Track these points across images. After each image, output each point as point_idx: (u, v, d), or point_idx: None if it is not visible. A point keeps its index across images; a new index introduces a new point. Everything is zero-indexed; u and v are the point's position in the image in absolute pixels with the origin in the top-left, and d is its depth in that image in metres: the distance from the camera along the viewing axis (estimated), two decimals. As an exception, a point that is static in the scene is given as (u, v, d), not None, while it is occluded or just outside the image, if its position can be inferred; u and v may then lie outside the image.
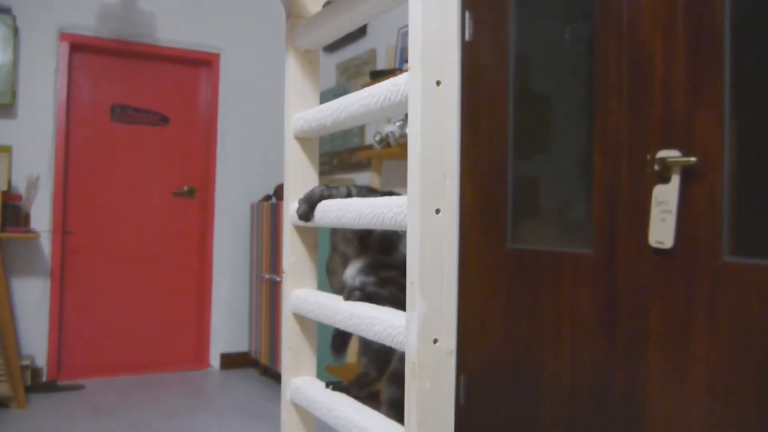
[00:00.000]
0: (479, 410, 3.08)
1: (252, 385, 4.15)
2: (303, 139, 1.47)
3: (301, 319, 1.43)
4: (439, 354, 0.98)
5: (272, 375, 4.35)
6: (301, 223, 1.41)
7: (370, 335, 1.12)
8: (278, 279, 4.00)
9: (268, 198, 4.48)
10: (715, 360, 2.12)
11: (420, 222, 1.00)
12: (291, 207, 1.46)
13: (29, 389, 3.87)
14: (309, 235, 1.47)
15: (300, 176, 1.46)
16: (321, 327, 1.44)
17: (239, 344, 4.59)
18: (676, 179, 2.26)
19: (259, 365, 4.46)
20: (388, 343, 1.07)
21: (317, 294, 1.38)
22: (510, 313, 2.94)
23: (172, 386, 4.09)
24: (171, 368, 4.48)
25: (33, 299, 4.01)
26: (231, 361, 4.57)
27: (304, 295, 1.39)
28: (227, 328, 4.58)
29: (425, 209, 1.00)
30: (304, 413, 1.40)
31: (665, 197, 2.29)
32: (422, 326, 0.98)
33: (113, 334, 4.35)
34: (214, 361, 4.59)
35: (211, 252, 4.63)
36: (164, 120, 4.54)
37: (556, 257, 2.73)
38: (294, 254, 1.45)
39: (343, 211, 1.25)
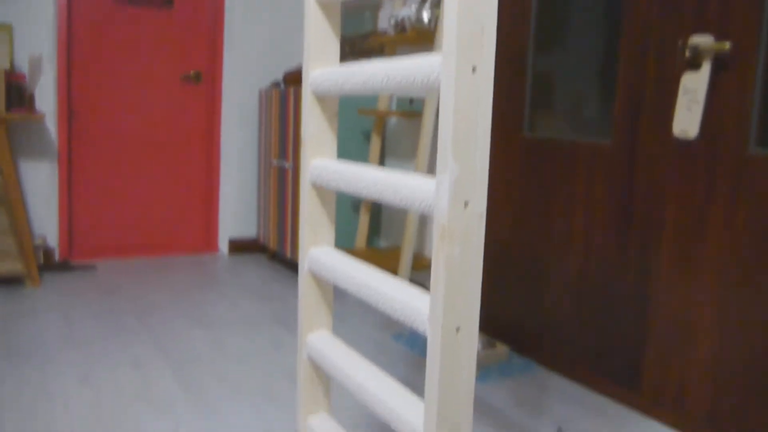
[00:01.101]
0: (487, 295, 3.12)
1: (260, 268, 4.21)
2: (325, 5, 1.39)
3: (321, 191, 1.40)
4: (470, 217, 0.95)
5: (280, 260, 4.40)
6: (321, 91, 1.35)
7: (396, 201, 1.10)
8: (287, 166, 3.97)
9: (276, 85, 4.37)
10: (731, 254, 2.11)
11: (455, 80, 0.95)
12: (311, 74, 1.40)
13: (42, 268, 3.94)
14: (329, 104, 1.41)
15: (321, 43, 1.39)
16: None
17: (247, 230, 4.63)
18: (707, 66, 2.17)
19: (268, 250, 4.51)
20: (415, 208, 1.04)
21: (337, 163, 1.34)
22: (524, 201, 2.92)
23: (182, 269, 4.15)
24: (180, 252, 4.54)
25: (41, 181, 4.00)
26: (239, 246, 4.62)
27: (324, 164, 1.35)
28: (236, 214, 4.59)
29: (461, 66, 0.95)
30: (321, 282, 1.39)
31: (694, 85, 2.21)
32: (453, 189, 0.94)
33: (123, 218, 4.37)
34: (223, 245, 4.64)
35: (219, 138, 4.58)
36: (169, 1, 4.37)
37: (572, 147, 2.68)
38: (313, 123, 1.40)
39: (368, 75, 1.19)
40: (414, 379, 2.63)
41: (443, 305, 0.89)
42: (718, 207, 2.16)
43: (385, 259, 3.62)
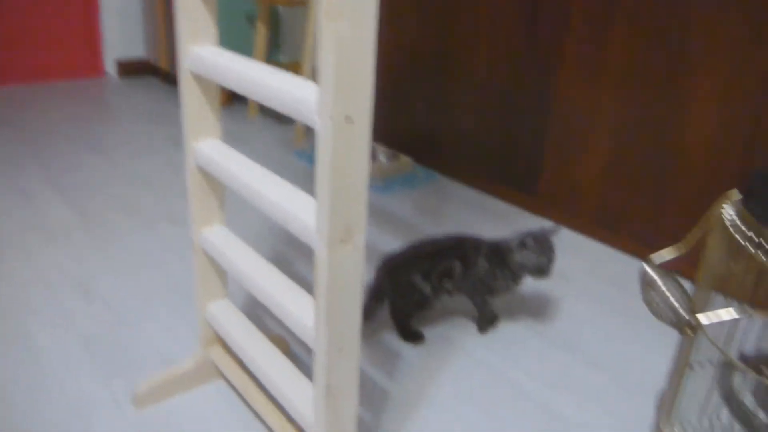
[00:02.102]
0: (390, 107, 3.07)
1: (152, 91, 3.96)
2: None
3: (202, 82, 1.22)
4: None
5: (174, 82, 4.15)
6: None
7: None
8: (172, -25, 3.60)
9: None
10: (629, 65, 2.12)
11: None
12: None
13: None
14: None
15: None
16: None
17: (135, 50, 4.29)
18: None
19: (160, 72, 4.22)
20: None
21: (217, 54, 1.18)
22: (428, 6, 2.79)
23: (68, 95, 3.85)
24: (63, 77, 4.18)
25: None
26: (129, 68, 4.30)
27: (202, 53, 1.19)
28: (120, 33, 4.22)
29: None
30: (210, 177, 1.28)
31: None
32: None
33: (-10, 38, 3.92)
34: (110, 68, 4.30)
35: (92, -55, 4.07)
36: None
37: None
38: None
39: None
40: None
41: (332, 92, 0.82)
42: (621, 16, 2.12)
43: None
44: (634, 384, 1.59)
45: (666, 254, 0.76)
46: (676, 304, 0.64)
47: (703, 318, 0.62)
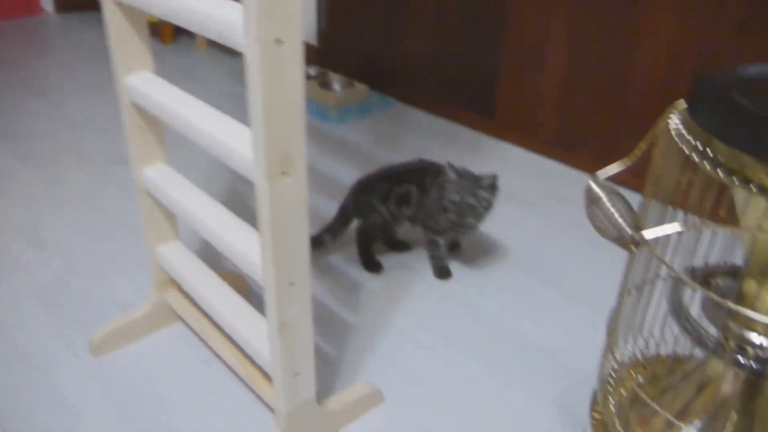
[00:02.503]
0: (342, 31, 2.97)
1: (94, 28, 3.77)
2: None
3: (128, 11, 1.12)
4: None
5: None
6: None
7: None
8: None
9: None
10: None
11: None
12: None
13: None
14: None
15: None
16: None
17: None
18: None
19: (100, 6, 4.01)
20: None
21: None
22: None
23: (3, 36, 3.64)
24: (-3, 16, 3.95)
25: None
26: (67, 4, 4.07)
27: None
28: (55, -33, 3.97)
29: None
30: (146, 114, 1.20)
31: None
32: None
33: None
34: (47, 4, 4.07)
35: None
36: None
37: None
38: None
39: None
40: (273, 128, 2.55)
41: (257, 11, 0.76)
42: None
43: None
44: (591, 301, 1.61)
45: (611, 169, 0.73)
46: (621, 221, 0.62)
47: (648, 233, 0.60)
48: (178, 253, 1.39)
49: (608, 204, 0.65)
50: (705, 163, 0.60)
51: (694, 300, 0.69)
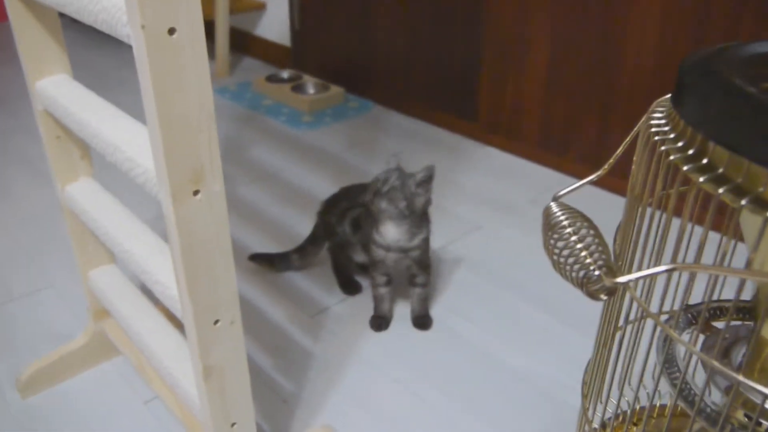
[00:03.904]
0: (316, 34, 2.81)
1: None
2: None
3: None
4: None
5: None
6: None
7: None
8: None
9: None
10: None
11: None
12: None
13: None
14: None
15: None
16: None
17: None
18: None
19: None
20: None
21: None
22: None
23: (-34, 43, 3.48)
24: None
25: None
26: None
27: None
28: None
29: None
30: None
31: None
32: None
33: None
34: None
35: None
36: None
37: None
38: None
39: None
40: (240, 133, 2.39)
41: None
42: None
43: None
44: (579, 322, 1.45)
45: (577, 184, 0.57)
46: (587, 258, 0.45)
47: (623, 279, 0.44)
48: (113, 278, 1.23)
49: (570, 230, 0.48)
50: (698, 176, 0.44)
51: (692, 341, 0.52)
